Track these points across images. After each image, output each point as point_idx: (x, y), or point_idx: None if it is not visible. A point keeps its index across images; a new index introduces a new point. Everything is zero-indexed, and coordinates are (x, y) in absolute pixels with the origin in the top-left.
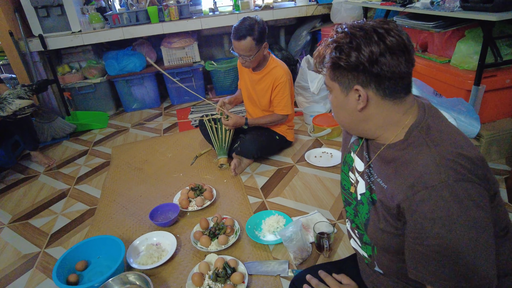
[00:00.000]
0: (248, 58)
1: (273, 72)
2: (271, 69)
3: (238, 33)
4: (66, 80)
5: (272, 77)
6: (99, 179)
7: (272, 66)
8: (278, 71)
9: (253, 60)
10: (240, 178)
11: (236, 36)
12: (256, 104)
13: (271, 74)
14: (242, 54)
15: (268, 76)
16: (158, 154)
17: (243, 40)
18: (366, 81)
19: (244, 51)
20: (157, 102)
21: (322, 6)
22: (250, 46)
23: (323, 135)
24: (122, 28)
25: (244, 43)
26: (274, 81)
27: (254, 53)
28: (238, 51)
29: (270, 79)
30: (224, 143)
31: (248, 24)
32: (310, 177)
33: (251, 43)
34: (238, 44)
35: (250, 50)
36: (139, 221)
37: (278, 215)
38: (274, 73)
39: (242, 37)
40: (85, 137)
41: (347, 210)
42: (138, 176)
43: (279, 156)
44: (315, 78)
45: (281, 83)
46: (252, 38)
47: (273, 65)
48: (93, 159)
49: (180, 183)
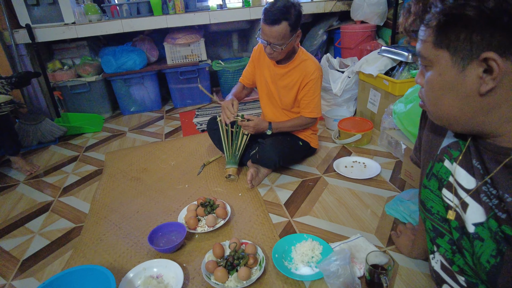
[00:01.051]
0: (280, 47)
1: (302, 66)
2: (301, 62)
3: (272, 16)
4: (57, 78)
5: (302, 72)
6: (88, 190)
7: (301, 59)
8: (309, 65)
9: (284, 50)
10: (258, 191)
11: (269, 20)
12: (277, 103)
13: (300, 68)
14: (273, 43)
15: (296, 70)
16: (159, 161)
17: (277, 25)
18: (505, 46)
19: (277, 38)
20: (158, 105)
21: (341, 2)
22: (285, 32)
23: (351, 142)
24: (122, 20)
25: (277, 29)
26: (304, 77)
27: (286, 42)
28: (269, 38)
29: (299, 74)
30: (237, 151)
31: (283, 5)
32: (343, 191)
33: (286, 29)
34: (270, 30)
35: (283, 38)
36: (135, 244)
37: (313, 241)
38: (304, 67)
39: (276, 21)
40: (76, 141)
41: (437, 244)
42: (135, 188)
43: (302, 165)
44: (338, 78)
45: (312, 79)
46: (288, 24)
47: (303, 58)
48: (84, 166)
49: (186, 196)
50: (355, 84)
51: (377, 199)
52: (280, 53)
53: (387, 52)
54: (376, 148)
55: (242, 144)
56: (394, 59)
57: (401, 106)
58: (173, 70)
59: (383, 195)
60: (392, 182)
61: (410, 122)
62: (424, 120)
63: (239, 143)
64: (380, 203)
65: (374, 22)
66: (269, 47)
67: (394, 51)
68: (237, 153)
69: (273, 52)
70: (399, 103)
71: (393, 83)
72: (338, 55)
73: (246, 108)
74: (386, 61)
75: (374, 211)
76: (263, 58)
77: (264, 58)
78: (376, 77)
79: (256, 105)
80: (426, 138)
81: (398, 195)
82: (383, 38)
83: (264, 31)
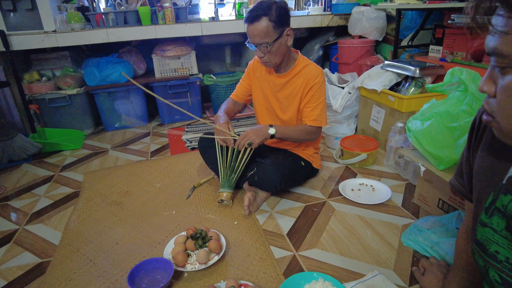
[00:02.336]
0: (266, 47)
1: (304, 72)
2: (302, 68)
3: (251, 14)
4: (34, 90)
5: (304, 77)
6: (61, 217)
7: (303, 65)
8: (312, 69)
9: (274, 51)
10: (256, 218)
11: (249, 18)
12: (278, 117)
13: (303, 74)
14: (258, 42)
15: (298, 77)
16: (143, 183)
17: (256, 22)
18: None
19: (260, 36)
20: (144, 120)
21: (338, 16)
22: (267, 29)
23: (355, 162)
24: (107, 29)
25: (257, 25)
26: (307, 81)
27: (272, 40)
28: (253, 38)
29: (301, 81)
30: (233, 173)
31: (265, 5)
32: (352, 219)
33: (267, 24)
34: (252, 29)
35: (266, 34)
36: (112, 285)
37: (324, 281)
38: (306, 72)
39: (255, 17)
40: (52, 159)
41: None
42: (115, 214)
43: (304, 188)
44: (338, 94)
45: (316, 83)
46: (269, 19)
47: (304, 64)
48: (58, 188)
49: (173, 225)
50: (356, 100)
51: (391, 228)
52: (272, 55)
53: (391, 66)
54: (382, 169)
55: (241, 165)
56: (399, 73)
57: (417, 123)
58: (161, 84)
59: (397, 222)
60: (405, 207)
61: (429, 141)
62: (477, 139)
63: (237, 165)
64: (395, 232)
65: (373, 37)
66: (259, 50)
67: (399, 66)
68: (234, 175)
69: (263, 55)
70: (414, 120)
71: (400, 99)
72: (335, 71)
73: (240, 124)
74: (391, 76)
75: (389, 242)
76: (260, 71)
77: (261, 71)
78: (380, 93)
79: (250, 121)
80: (484, 163)
81: (415, 223)
82: (381, 53)
83: (248, 33)
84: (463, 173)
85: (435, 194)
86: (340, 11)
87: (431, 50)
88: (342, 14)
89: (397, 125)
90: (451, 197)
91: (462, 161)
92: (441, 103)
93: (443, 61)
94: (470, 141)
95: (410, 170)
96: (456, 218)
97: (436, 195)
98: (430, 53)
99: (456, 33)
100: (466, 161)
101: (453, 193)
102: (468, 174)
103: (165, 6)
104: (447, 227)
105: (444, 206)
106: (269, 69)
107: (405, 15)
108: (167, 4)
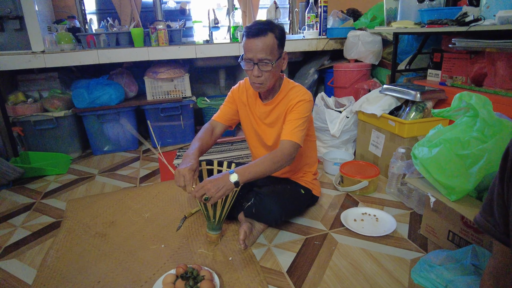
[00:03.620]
0: (268, 65)
1: (289, 95)
2: (287, 92)
3: (256, 28)
4: (19, 112)
5: (287, 100)
6: (38, 251)
7: (287, 89)
8: (295, 92)
9: (273, 71)
10: (253, 253)
11: (253, 33)
12: (265, 143)
13: (286, 98)
14: (261, 58)
15: (283, 101)
16: (130, 212)
17: (263, 36)
18: None
19: (264, 51)
20: (134, 144)
21: (333, 40)
22: (272, 45)
23: (356, 189)
24: (98, 50)
25: (264, 40)
26: (290, 101)
27: (275, 58)
28: (256, 53)
29: (285, 103)
30: (214, 219)
31: (268, 22)
32: (357, 253)
33: (273, 41)
34: (257, 42)
35: (271, 51)
36: None
37: None
38: (290, 95)
39: (262, 31)
40: (34, 185)
41: None
42: (98, 248)
43: (304, 218)
44: (335, 118)
45: (300, 101)
46: (275, 36)
47: (288, 87)
48: (38, 217)
49: (161, 260)
50: (354, 125)
51: (399, 262)
52: (270, 76)
53: (390, 90)
54: (384, 197)
55: (223, 213)
56: (398, 97)
57: (424, 150)
58: (153, 107)
59: (405, 256)
60: (412, 239)
61: (439, 170)
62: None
63: (218, 213)
64: (403, 268)
65: (368, 61)
66: (257, 68)
67: (399, 90)
68: (215, 220)
69: (261, 75)
70: (420, 147)
71: (401, 124)
72: (330, 95)
73: (234, 148)
74: (390, 100)
75: (397, 278)
76: (247, 98)
77: (247, 98)
78: (380, 118)
79: (245, 144)
80: None
81: (424, 258)
82: (377, 77)
83: (248, 47)
84: (493, 211)
85: (445, 225)
86: (335, 35)
87: (429, 74)
88: (338, 38)
89: (398, 151)
90: (462, 229)
91: (492, 196)
92: (449, 129)
93: (443, 85)
94: (503, 173)
95: (415, 198)
96: (470, 253)
97: (445, 227)
98: (429, 77)
99: (455, 57)
100: (499, 196)
101: (466, 226)
102: (502, 212)
103: (159, 28)
104: (462, 263)
105: (455, 238)
106: (255, 96)
107: (401, 39)
108: (160, 26)
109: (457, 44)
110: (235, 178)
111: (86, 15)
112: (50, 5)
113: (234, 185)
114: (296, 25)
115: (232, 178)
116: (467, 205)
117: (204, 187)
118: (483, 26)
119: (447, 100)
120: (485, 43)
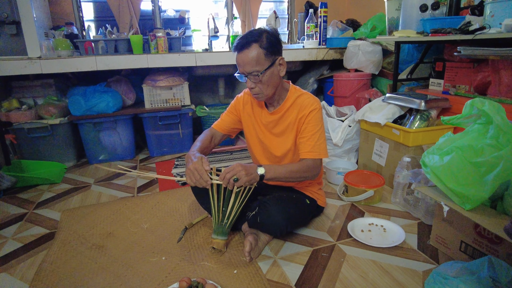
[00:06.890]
0: (257, 75)
1: (298, 103)
2: (295, 99)
3: (240, 42)
4: (12, 119)
5: (298, 109)
6: (30, 264)
7: (295, 96)
8: (305, 99)
9: (266, 80)
10: (258, 266)
11: (238, 45)
12: (272, 154)
13: (296, 106)
14: (248, 71)
15: (291, 111)
16: (129, 223)
17: (246, 49)
18: None
19: (250, 64)
20: (131, 153)
21: (333, 50)
22: (257, 56)
23: (362, 199)
24: (96, 57)
25: (248, 52)
26: (300, 110)
27: (264, 68)
28: (243, 67)
29: (295, 113)
30: (227, 219)
31: (255, 32)
32: (366, 264)
33: (258, 51)
34: (242, 56)
35: (257, 62)
36: None
37: None
38: (300, 103)
39: (245, 44)
40: (27, 195)
41: None
42: (95, 260)
43: (309, 229)
44: (337, 127)
45: (312, 110)
46: (259, 46)
47: (296, 95)
48: (30, 228)
49: (163, 274)
50: (356, 134)
51: (411, 274)
52: (264, 86)
53: (393, 99)
54: (390, 207)
55: (235, 210)
56: (402, 106)
57: (435, 158)
58: (151, 115)
59: (416, 268)
60: (422, 250)
61: (451, 178)
62: None
63: (230, 210)
64: (416, 280)
65: (369, 70)
66: (250, 81)
67: (402, 98)
68: (227, 221)
69: (254, 86)
70: (430, 154)
71: (406, 133)
72: (330, 104)
73: (234, 157)
74: (394, 109)
75: None
76: (252, 107)
77: (252, 107)
78: (384, 126)
79: (245, 154)
80: None
81: (437, 270)
82: (377, 87)
83: (237, 61)
84: None
85: (456, 235)
86: (335, 45)
87: (431, 84)
88: (337, 48)
89: (404, 160)
90: (476, 240)
91: None
92: (460, 137)
93: (446, 94)
94: None
95: (422, 208)
96: (487, 265)
97: (457, 237)
98: (431, 86)
99: (458, 66)
100: None
101: (480, 236)
102: None
103: (159, 36)
104: (478, 275)
105: (468, 249)
106: (261, 105)
107: (402, 49)
108: (160, 33)
109: (463, 52)
110: (262, 171)
111: (84, 22)
112: (48, 11)
113: (260, 178)
114: (295, 35)
115: (259, 171)
116: (482, 214)
117: (235, 169)
118: (489, 34)
119: (451, 108)
120: (491, 51)
